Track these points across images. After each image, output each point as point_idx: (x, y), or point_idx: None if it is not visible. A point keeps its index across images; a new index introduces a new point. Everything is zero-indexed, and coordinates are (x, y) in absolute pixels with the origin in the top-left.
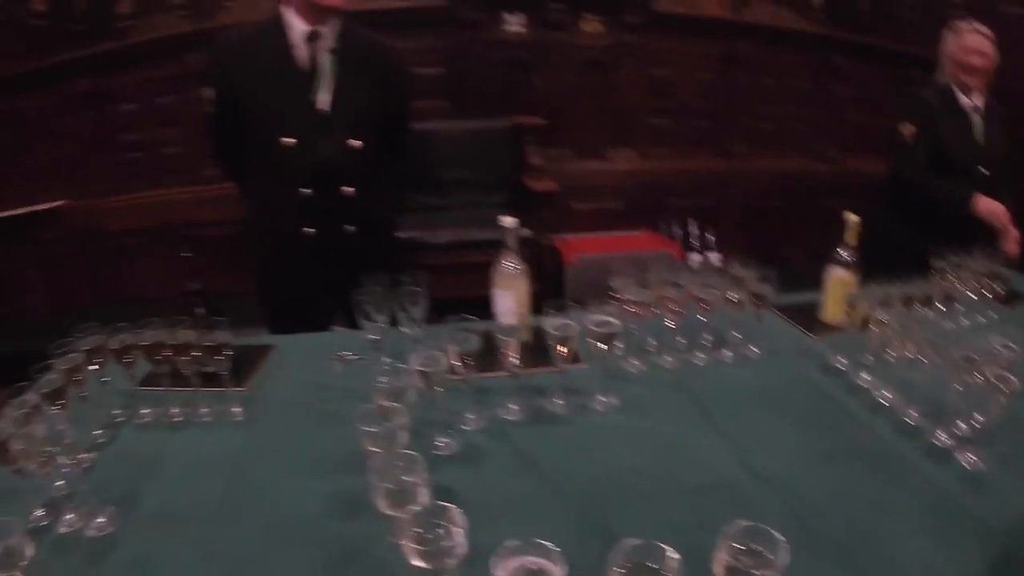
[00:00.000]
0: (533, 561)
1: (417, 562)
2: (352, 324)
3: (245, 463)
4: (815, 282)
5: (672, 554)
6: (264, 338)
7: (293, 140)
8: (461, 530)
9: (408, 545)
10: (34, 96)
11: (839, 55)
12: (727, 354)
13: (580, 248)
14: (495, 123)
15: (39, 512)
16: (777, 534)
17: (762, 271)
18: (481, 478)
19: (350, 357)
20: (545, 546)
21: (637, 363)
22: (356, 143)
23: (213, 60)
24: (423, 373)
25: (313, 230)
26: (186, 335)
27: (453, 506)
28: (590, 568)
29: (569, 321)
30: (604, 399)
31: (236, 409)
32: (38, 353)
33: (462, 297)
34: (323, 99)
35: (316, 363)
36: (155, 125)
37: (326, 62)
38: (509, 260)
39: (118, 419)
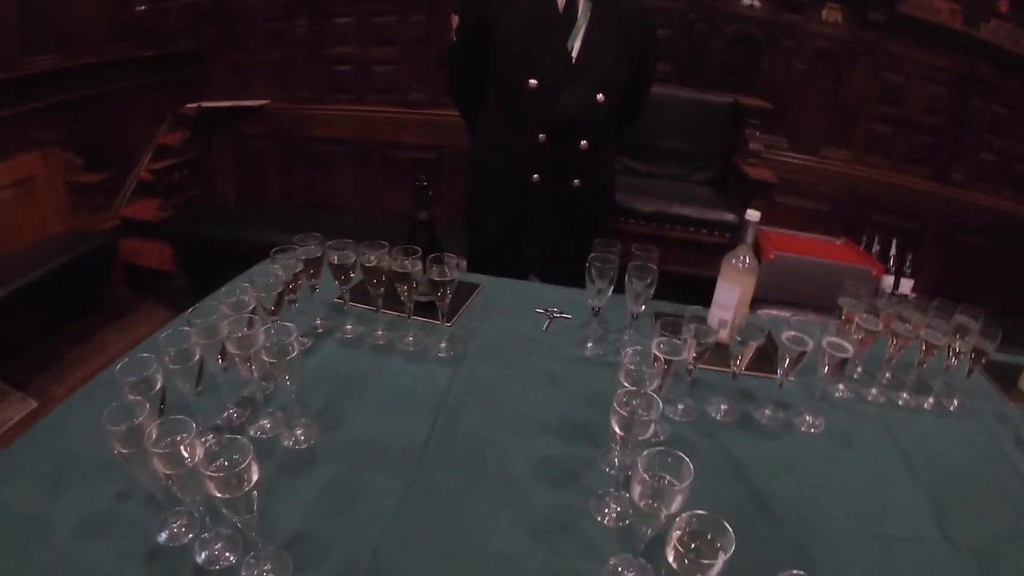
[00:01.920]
0: None
1: (672, 563)
2: (547, 279)
3: (451, 405)
4: (1011, 339)
5: None
6: (469, 276)
7: (538, 83)
8: (724, 554)
9: (673, 546)
10: None
11: None
12: (929, 401)
13: (779, 245)
14: (718, 97)
15: (233, 411)
16: None
17: (989, 325)
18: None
19: (558, 315)
20: None
21: (843, 389)
22: (601, 96)
23: None
24: (666, 361)
25: (539, 178)
26: (413, 264)
27: (728, 526)
28: None
29: (805, 336)
30: (811, 420)
31: (443, 345)
32: (225, 240)
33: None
34: (575, 46)
35: (522, 313)
36: (368, 42)
37: (583, 9)
38: (743, 254)
39: (321, 330)
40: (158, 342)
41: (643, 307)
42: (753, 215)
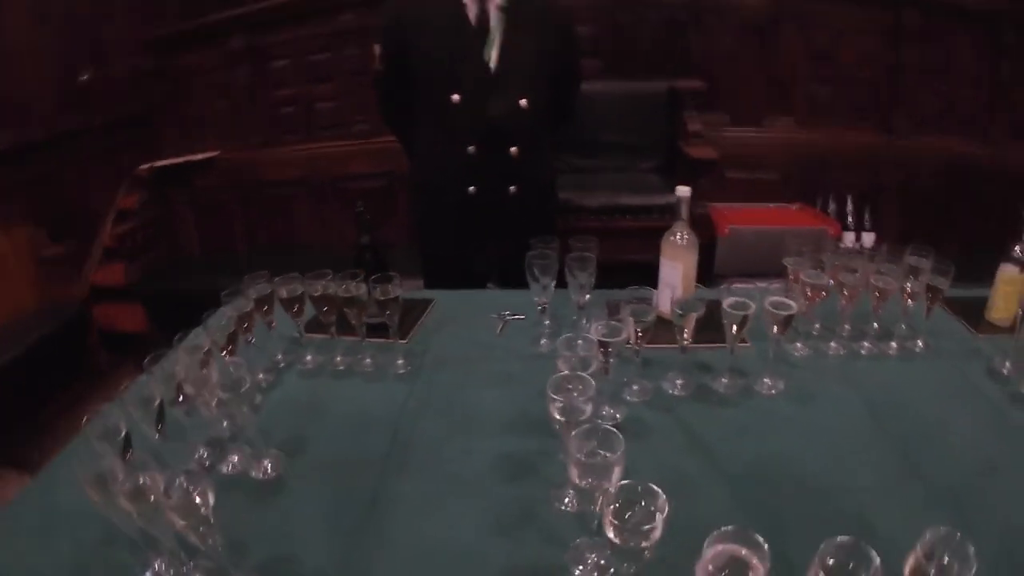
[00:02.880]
0: (736, 550)
1: (614, 538)
2: (506, 284)
3: (410, 418)
4: (977, 275)
5: (874, 557)
6: (423, 292)
7: (460, 97)
8: (661, 514)
9: (609, 521)
10: (192, 53)
11: (1012, 33)
12: (892, 347)
13: (733, 219)
14: (652, 85)
15: (203, 452)
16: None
17: (940, 262)
18: (647, 453)
19: (511, 317)
20: (753, 537)
21: (801, 347)
22: (524, 102)
23: (386, 17)
24: (603, 344)
25: (476, 189)
26: (357, 288)
27: (658, 489)
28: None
29: (747, 300)
30: (770, 383)
31: (400, 362)
32: (197, 294)
33: (612, 262)
34: (492, 56)
35: (476, 320)
36: (307, 81)
37: (496, 19)
38: (680, 231)
39: (282, 364)
40: (122, 394)
41: (587, 297)
42: (683, 191)
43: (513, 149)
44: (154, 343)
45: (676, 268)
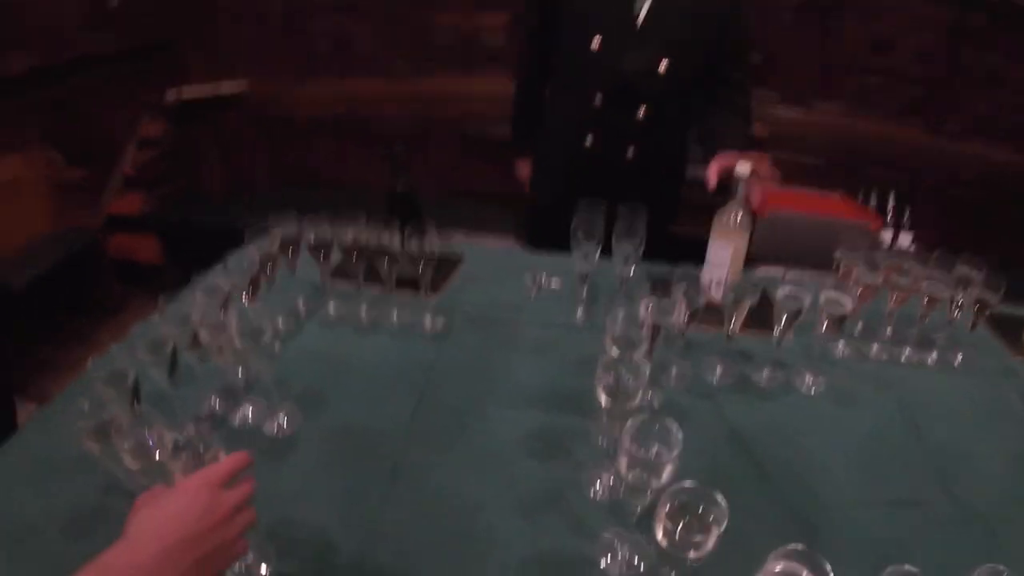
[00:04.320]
0: (796, 568)
1: (662, 541)
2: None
3: (437, 381)
4: (1015, 291)
5: None
6: (453, 245)
7: (601, 45)
8: (718, 527)
9: (662, 523)
10: None
11: None
12: (933, 356)
13: (774, 202)
14: None
15: (214, 399)
16: None
17: (992, 276)
18: (684, 441)
19: (545, 281)
20: (818, 560)
21: (844, 347)
22: (664, 64)
23: None
24: (655, 325)
25: (593, 141)
26: (391, 237)
27: (721, 499)
28: None
29: (800, 292)
30: (811, 380)
31: (428, 319)
32: (215, 230)
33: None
34: (643, 9)
35: (509, 281)
36: (344, 15)
37: None
38: (735, 210)
39: (303, 312)
40: (132, 334)
41: (632, 270)
42: (743, 168)
43: (642, 109)
44: (169, 278)
45: (726, 249)
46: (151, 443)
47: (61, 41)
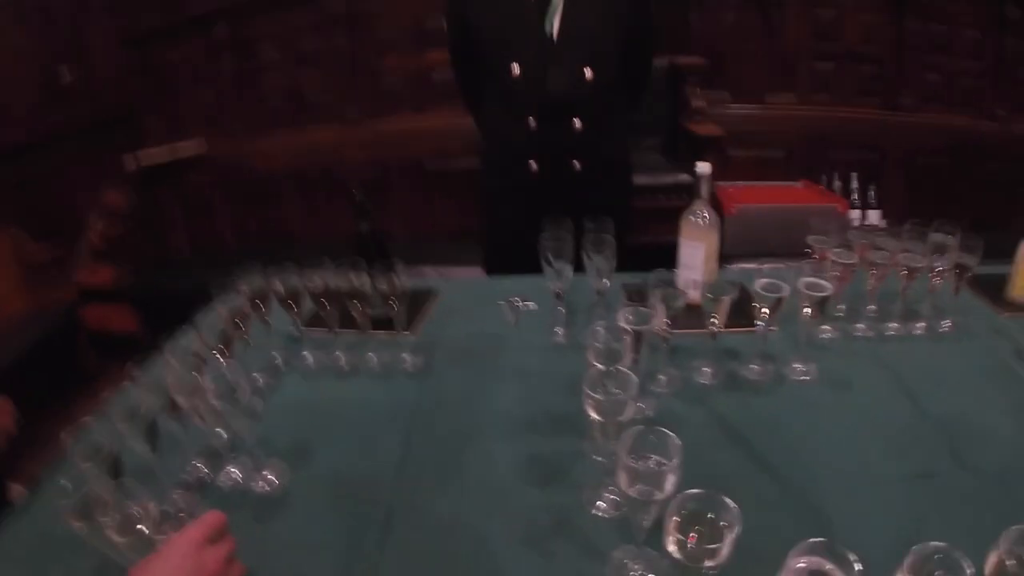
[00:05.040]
0: (819, 562)
1: (676, 553)
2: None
3: (423, 419)
4: (988, 252)
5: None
6: (426, 281)
7: (521, 68)
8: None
9: (672, 535)
10: (174, 47)
11: (1014, 5)
12: (920, 327)
13: (739, 198)
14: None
15: (198, 464)
16: None
17: (968, 238)
18: (684, 448)
19: (522, 305)
20: (840, 550)
21: (829, 329)
22: (589, 72)
23: None
24: (635, 333)
25: (538, 164)
26: (359, 279)
27: (730, 502)
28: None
29: (779, 281)
30: (802, 368)
31: (408, 357)
32: (187, 293)
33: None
34: (554, 25)
35: (486, 310)
36: (296, 69)
37: None
38: (701, 210)
39: (281, 365)
40: (107, 405)
41: (607, 282)
42: (703, 168)
43: (576, 122)
44: (145, 345)
45: (698, 249)
46: (136, 516)
47: (14, 120)
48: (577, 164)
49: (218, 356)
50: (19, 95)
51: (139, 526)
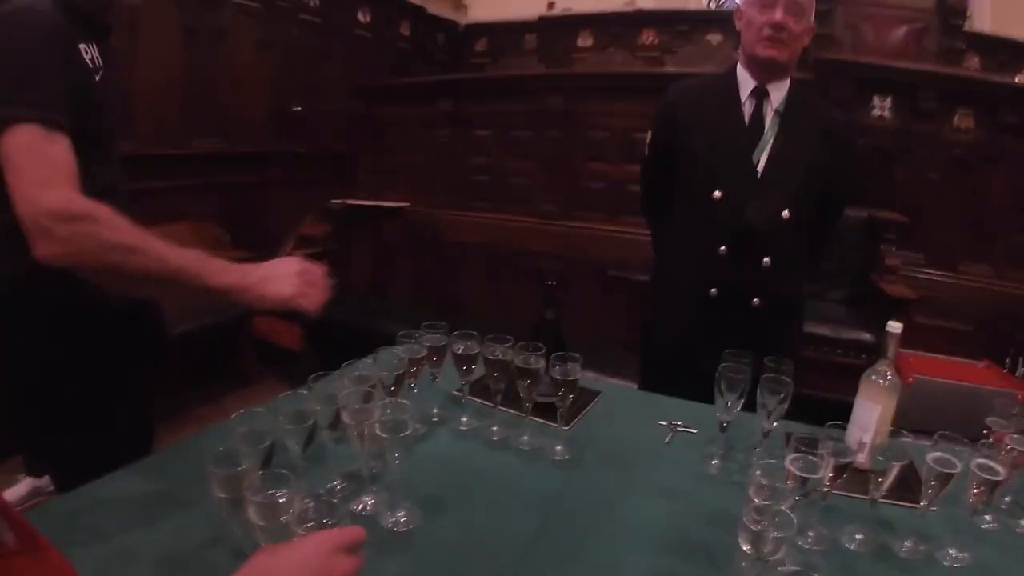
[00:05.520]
0: None
1: None
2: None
3: (562, 508)
4: None
5: None
6: (589, 380)
7: (722, 195)
8: None
9: None
10: (398, 106)
11: None
12: None
13: (919, 368)
14: (852, 212)
15: (338, 483)
16: None
17: None
18: None
19: (681, 428)
20: None
21: (990, 519)
22: (787, 213)
23: (662, 103)
24: (800, 479)
25: (718, 292)
26: (536, 361)
27: None
28: None
29: (952, 458)
30: (955, 554)
31: (560, 448)
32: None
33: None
34: (762, 160)
35: (643, 423)
36: (505, 154)
37: (771, 122)
38: (885, 370)
39: (437, 419)
40: (276, 402)
41: (775, 424)
42: (895, 327)
43: (766, 260)
44: (305, 364)
45: (874, 410)
46: (281, 503)
47: (247, 135)
48: (756, 300)
49: (388, 393)
50: (254, 115)
51: (283, 517)
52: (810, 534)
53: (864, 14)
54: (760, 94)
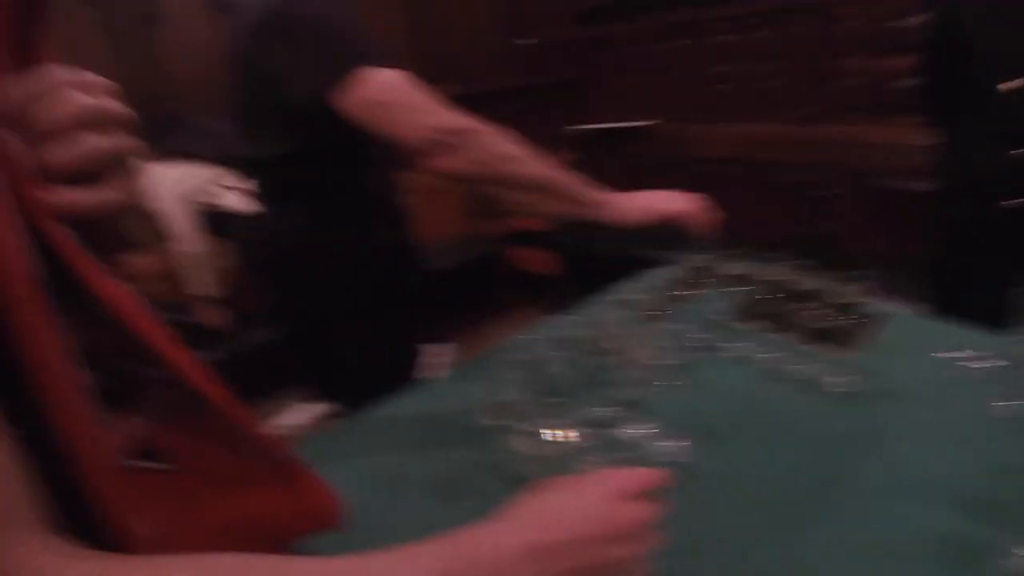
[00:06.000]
0: None
1: None
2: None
3: (844, 452)
4: None
5: None
6: (883, 306)
7: (1018, 84)
8: None
9: None
10: (628, 24)
11: None
12: None
13: None
14: None
15: (606, 411)
16: None
17: None
18: None
19: (978, 362)
20: None
21: None
22: None
23: None
24: None
25: (1018, 201)
26: (817, 282)
27: None
28: None
29: None
30: None
31: (843, 379)
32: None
33: None
34: None
35: (929, 354)
36: (749, 59)
37: None
38: None
39: (700, 345)
40: (540, 328)
41: None
42: None
43: None
44: (564, 290)
45: None
46: (550, 436)
47: (475, 73)
48: None
49: (654, 318)
50: (478, 54)
51: (552, 448)
52: None
53: None
54: None
